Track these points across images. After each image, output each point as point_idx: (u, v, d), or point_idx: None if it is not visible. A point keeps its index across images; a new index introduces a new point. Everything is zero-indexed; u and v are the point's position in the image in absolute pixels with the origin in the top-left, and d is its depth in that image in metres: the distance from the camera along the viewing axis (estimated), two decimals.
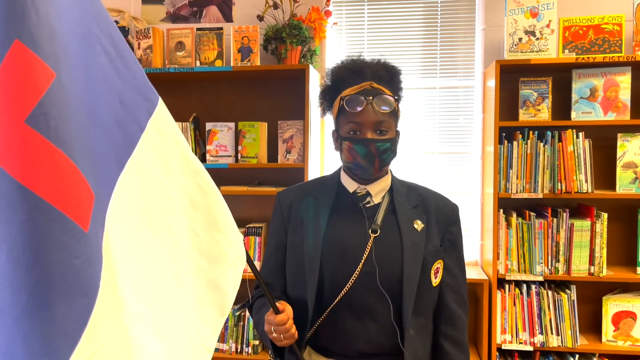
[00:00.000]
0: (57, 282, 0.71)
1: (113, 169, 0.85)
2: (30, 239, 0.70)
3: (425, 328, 1.35)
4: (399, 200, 1.37)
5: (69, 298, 0.72)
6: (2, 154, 0.70)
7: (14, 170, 0.70)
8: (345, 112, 1.31)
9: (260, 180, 2.86)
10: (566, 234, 2.44)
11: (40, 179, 0.71)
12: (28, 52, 0.70)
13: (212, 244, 1.03)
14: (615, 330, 2.49)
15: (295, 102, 2.79)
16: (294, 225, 1.38)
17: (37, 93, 0.71)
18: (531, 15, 2.49)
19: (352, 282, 1.28)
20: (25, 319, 0.70)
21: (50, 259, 0.71)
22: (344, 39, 2.93)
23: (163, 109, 0.96)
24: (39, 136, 0.71)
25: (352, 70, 1.34)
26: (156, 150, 0.93)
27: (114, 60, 0.87)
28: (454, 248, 1.40)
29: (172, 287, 0.95)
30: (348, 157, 1.33)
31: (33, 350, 0.70)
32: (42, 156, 0.71)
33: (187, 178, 0.99)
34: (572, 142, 2.43)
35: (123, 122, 0.88)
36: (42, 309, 0.70)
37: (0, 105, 0.70)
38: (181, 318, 0.97)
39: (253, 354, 2.67)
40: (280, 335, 1.22)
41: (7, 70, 0.70)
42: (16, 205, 0.69)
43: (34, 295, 0.70)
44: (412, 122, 2.87)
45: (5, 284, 0.70)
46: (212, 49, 2.75)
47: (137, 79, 0.92)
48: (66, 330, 0.72)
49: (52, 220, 0.71)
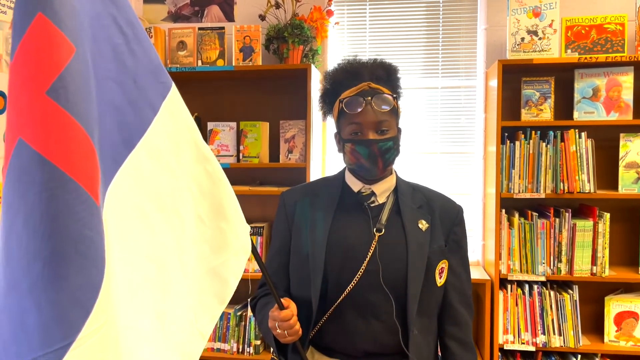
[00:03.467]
0: (72, 252, 0.71)
1: (120, 149, 0.86)
2: (47, 209, 0.70)
3: (429, 328, 1.35)
4: (404, 200, 1.37)
5: (83, 269, 0.73)
6: (22, 124, 0.71)
7: (33, 140, 0.70)
8: (345, 114, 1.31)
9: (261, 180, 2.85)
10: (568, 234, 2.43)
11: (58, 149, 0.71)
12: (51, 26, 0.71)
13: (217, 233, 1.03)
14: (618, 331, 2.49)
15: (297, 101, 2.78)
16: (299, 225, 1.38)
17: (59, 66, 0.72)
18: (534, 14, 2.48)
19: (357, 280, 1.28)
20: (40, 289, 0.70)
21: (66, 229, 0.71)
22: (345, 38, 2.93)
23: (176, 94, 0.96)
24: (59, 108, 0.71)
25: (349, 72, 1.35)
26: (168, 133, 0.94)
27: (131, 41, 0.88)
28: (459, 248, 1.40)
29: (174, 271, 0.95)
30: (351, 159, 1.33)
31: (46, 320, 0.70)
32: (61, 128, 0.71)
33: (197, 164, 0.99)
34: (575, 142, 2.43)
35: (136, 103, 0.89)
36: (57, 279, 0.70)
37: (22, 76, 0.71)
38: (179, 302, 0.97)
39: (254, 354, 2.66)
40: (284, 332, 1.22)
41: (30, 42, 0.71)
42: (35, 175, 0.70)
43: (49, 265, 0.70)
44: (414, 122, 2.87)
45: (21, 254, 0.70)
46: (213, 49, 2.74)
47: (152, 62, 0.92)
48: (80, 299, 0.72)
49: (69, 191, 0.71)
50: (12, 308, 0.71)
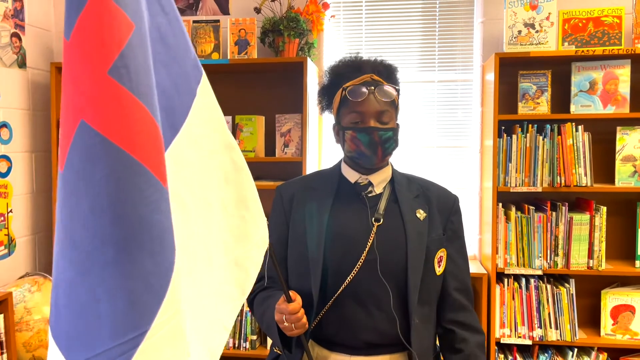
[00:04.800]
0: (144, 237, 0.69)
1: (167, 133, 0.83)
2: (116, 193, 0.67)
3: (429, 317, 1.35)
4: (401, 190, 1.37)
5: (155, 253, 0.70)
6: (85, 106, 0.68)
7: (97, 122, 0.67)
8: (347, 102, 1.31)
9: (257, 174, 2.84)
10: (565, 228, 2.43)
11: (123, 132, 0.68)
12: (109, 1, 0.68)
13: (240, 222, 1.01)
14: (614, 324, 2.49)
15: (293, 95, 2.76)
16: (296, 218, 1.37)
17: (119, 44, 0.68)
18: (531, 7, 2.47)
19: (356, 271, 1.28)
20: (112, 275, 0.67)
21: (136, 214, 0.68)
22: (341, 31, 2.91)
23: (206, 80, 0.94)
24: (122, 88, 0.68)
25: (351, 65, 1.36)
26: (202, 120, 0.91)
27: (172, 21, 0.86)
28: (456, 237, 1.40)
29: (202, 262, 0.93)
30: (351, 146, 1.33)
31: (119, 306, 0.67)
32: (126, 109, 0.68)
33: (224, 152, 0.98)
34: (572, 136, 2.42)
35: (179, 86, 0.86)
36: (130, 263, 0.68)
37: (82, 55, 0.68)
38: (206, 294, 0.94)
39: (251, 348, 2.65)
40: (291, 325, 1.21)
41: (89, 19, 0.67)
42: (99, 159, 0.67)
43: (122, 250, 0.67)
44: (411, 116, 2.85)
45: (89, 240, 0.67)
46: (208, 42, 2.72)
47: (188, 44, 0.90)
48: (153, 286, 0.69)
49: (136, 174, 0.69)
50: (80, 297, 0.68)
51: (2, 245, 2.45)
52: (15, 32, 2.54)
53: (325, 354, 1.34)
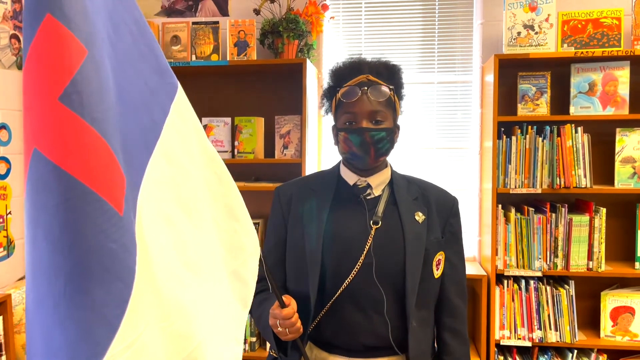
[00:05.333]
0: (95, 266, 0.68)
1: (143, 153, 0.83)
2: (67, 222, 0.67)
3: (427, 320, 1.35)
4: (400, 193, 1.37)
5: (107, 283, 0.69)
6: (37, 134, 0.67)
7: (49, 150, 0.67)
8: (341, 104, 1.32)
9: (257, 175, 2.83)
10: (565, 229, 2.43)
11: (75, 159, 0.67)
12: (61, 27, 0.67)
13: (232, 234, 1.01)
14: (614, 326, 2.49)
15: (292, 96, 2.76)
16: (294, 220, 1.37)
17: (71, 70, 0.68)
18: (530, 9, 2.47)
19: (354, 274, 1.27)
20: (63, 306, 0.67)
21: (87, 242, 0.68)
22: (341, 33, 2.91)
23: (182, 95, 0.94)
24: (73, 114, 0.67)
25: (350, 67, 1.36)
26: (179, 135, 0.91)
27: (138, 41, 0.85)
28: (455, 240, 1.40)
29: (207, 276, 0.93)
30: (344, 148, 1.33)
31: (71, 338, 0.67)
32: (77, 136, 0.68)
33: (206, 166, 0.97)
34: (571, 137, 2.42)
35: (149, 105, 0.85)
36: (80, 294, 0.67)
37: (34, 82, 0.67)
38: (216, 307, 0.94)
39: (250, 350, 2.65)
40: (285, 330, 1.20)
41: (40, 45, 0.67)
42: (52, 187, 0.66)
43: (72, 281, 0.67)
44: (410, 117, 2.85)
45: (43, 269, 0.67)
46: (208, 43, 2.72)
47: (158, 61, 0.89)
48: (106, 316, 0.69)
49: (89, 203, 0.68)
50: (40, 324, 0.68)
51: (1, 247, 2.45)
52: (15, 33, 2.54)
53: (323, 356, 1.34)
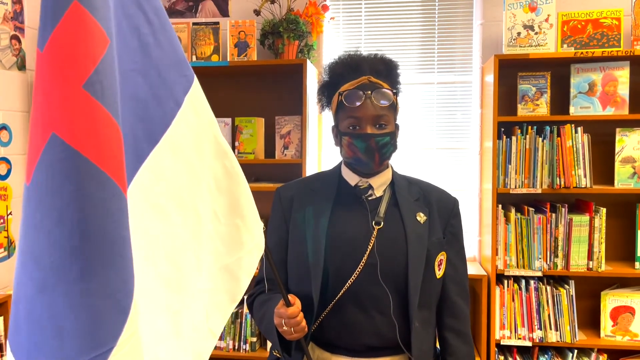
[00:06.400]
0: (110, 254, 0.69)
1: (143, 145, 0.83)
2: (85, 207, 0.67)
3: (429, 320, 1.35)
4: (401, 193, 1.37)
5: (121, 270, 0.70)
6: (56, 119, 0.67)
7: (69, 136, 0.67)
8: (344, 107, 1.30)
9: (257, 176, 2.84)
10: (565, 229, 2.43)
11: (96, 145, 0.68)
12: (87, 15, 0.68)
13: (232, 230, 1.02)
14: (614, 325, 2.49)
15: (292, 97, 2.76)
16: (296, 220, 1.37)
17: (95, 58, 0.68)
18: (530, 9, 2.48)
19: (357, 274, 1.27)
20: (78, 292, 0.66)
21: (104, 230, 0.68)
22: (341, 33, 2.91)
23: (198, 88, 0.94)
24: (96, 102, 0.68)
25: (349, 65, 1.34)
26: (190, 128, 0.91)
27: (157, 31, 0.86)
28: (456, 241, 1.40)
29: (189, 269, 0.93)
30: (348, 153, 1.32)
31: (84, 325, 0.66)
32: (99, 123, 0.68)
33: (216, 160, 0.98)
34: (571, 137, 2.42)
35: (160, 96, 0.86)
36: (97, 279, 0.67)
37: (56, 68, 0.67)
38: (193, 300, 0.95)
39: (251, 351, 2.65)
40: (290, 329, 1.20)
41: (66, 31, 0.67)
42: (70, 172, 0.67)
43: (89, 266, 0.67)
44: (410, 118, 2.86)
45: (55, 255, 0.66)
46: (208, 44, 2.72)
47: (177, 53, 0.90)
48: (119, 302, 0.69)
49: (105, 189, 0.69)
50: (42, 313, 0.67)
51: (1, 248, 2.45)
52: (15, 34, 2.54)
53: (326, 357, 1.34)
